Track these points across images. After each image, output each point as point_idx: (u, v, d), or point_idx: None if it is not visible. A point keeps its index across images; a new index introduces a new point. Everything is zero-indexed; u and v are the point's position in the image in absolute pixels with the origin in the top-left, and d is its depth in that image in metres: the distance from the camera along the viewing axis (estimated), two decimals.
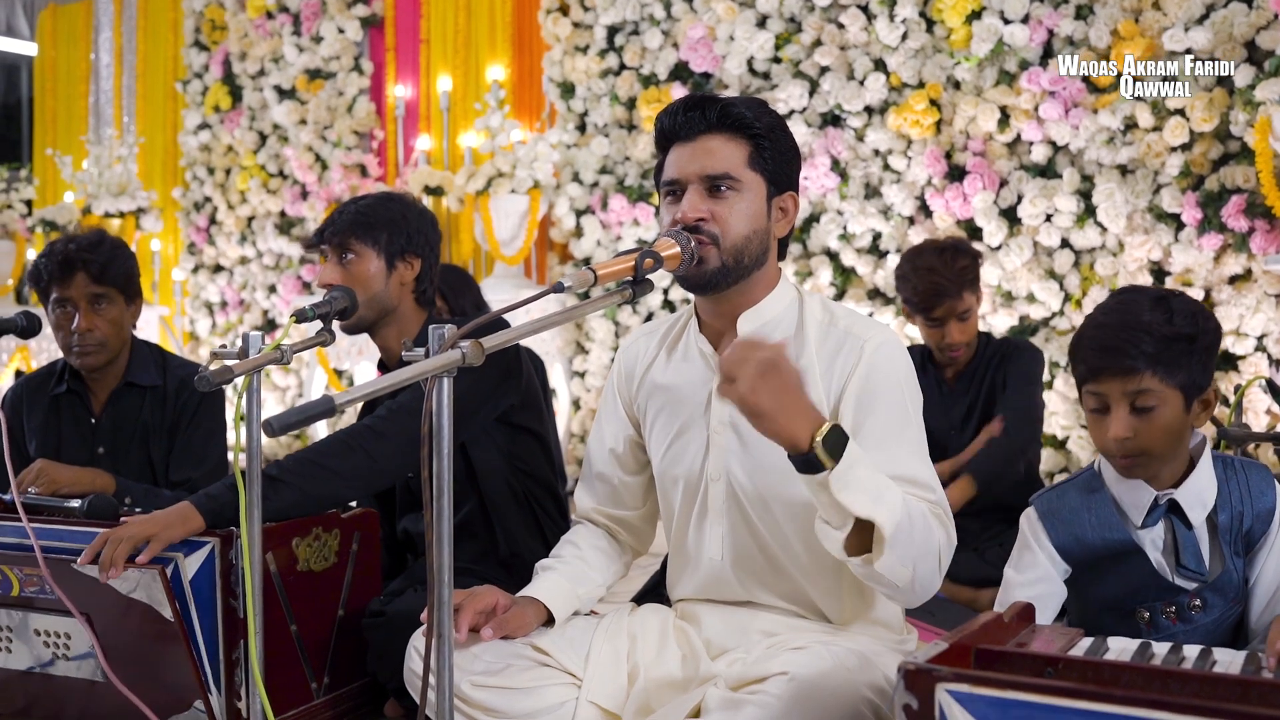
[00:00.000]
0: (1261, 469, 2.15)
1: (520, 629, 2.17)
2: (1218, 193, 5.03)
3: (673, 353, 2.32)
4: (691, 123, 2.16)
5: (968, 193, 5.51)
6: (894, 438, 2.07)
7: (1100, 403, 2.06)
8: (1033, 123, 5.37)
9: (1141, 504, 2.09)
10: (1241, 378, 5.01)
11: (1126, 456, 2.06)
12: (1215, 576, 2.07)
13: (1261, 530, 2.08)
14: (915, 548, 1.89)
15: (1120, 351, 2.01)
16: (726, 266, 2.12)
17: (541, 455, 2.88)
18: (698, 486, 2.23)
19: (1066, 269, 5.37)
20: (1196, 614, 2.07)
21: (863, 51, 5.78)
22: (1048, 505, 2.20)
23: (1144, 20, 5.16)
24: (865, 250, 5.82)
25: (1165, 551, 2.10)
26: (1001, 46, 5.39)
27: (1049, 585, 2.16)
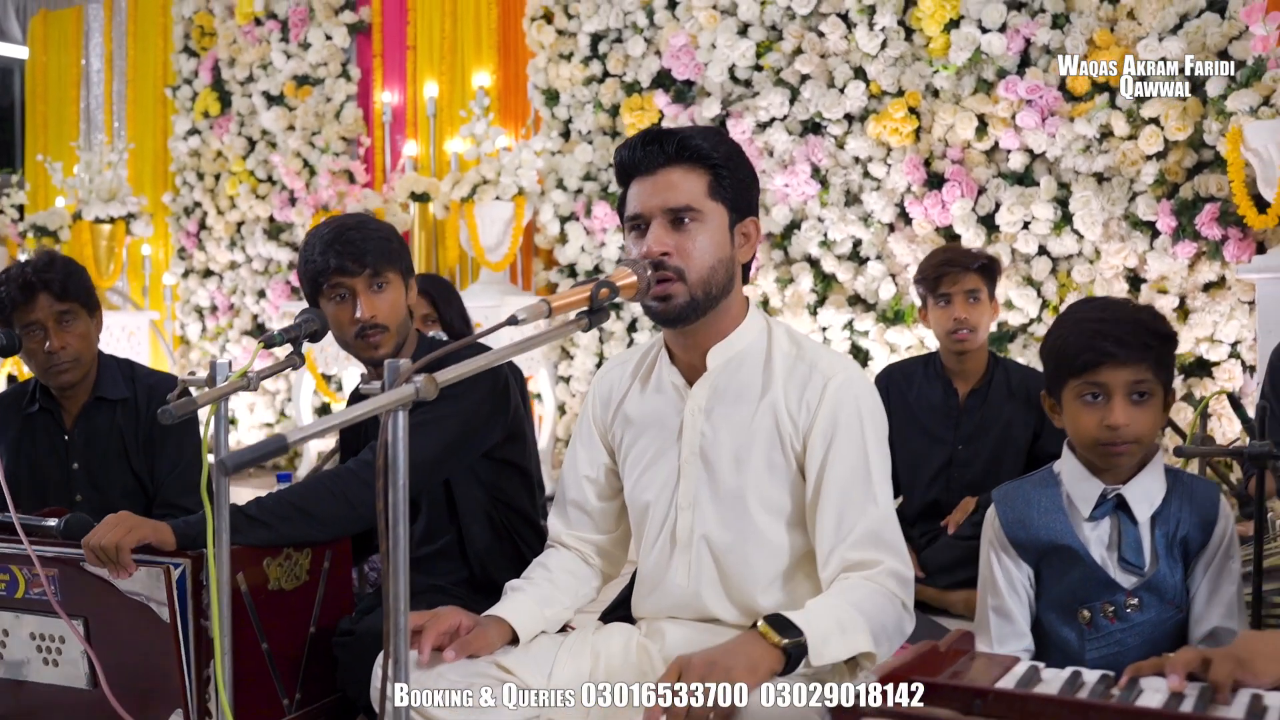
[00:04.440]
0: (1210, 486, 2.25)
1: (483, 649, 2.20)
2: (1192, 201, 5.09)
3: (646, 384, 2.37)
4: (651, 156, 2.20)
5: (946, 200, 5.57)
6: (859, 492, 2.15)
7: (1100, 392, 2.13)
8: (1010, 131, 5.43)
9: (1091, 497, 2.18)
10: (1216, 384, 5.07)
11: (1122, 444, 2.13)
12: (1153, 575, 2.15)
13: (1200, 542, 2.16)
14: (891, 642, 2.06)
15: (1127, 343, 2.11)
16: (695, 299, 2.17)
17: (522, 487, 2.91)
18: (667, 513, 2.29)
19: (1044, 276, 5.43)
20: (1134, 613, 2.15)
21: (843, 60, 5.84)
22: (1003, 492, 2.30)
23: (1119, 30, 5.22)
24: (845, 257, 5.88)
25: (1109, 548, 2.17)
26: (979, 55, 5.45)
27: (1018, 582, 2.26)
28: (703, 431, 2.26)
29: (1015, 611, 2.24)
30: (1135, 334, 2.11)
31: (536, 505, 2.97)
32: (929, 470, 3.77)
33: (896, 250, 5.70)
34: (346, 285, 2.72)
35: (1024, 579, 2.24)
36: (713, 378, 2.27)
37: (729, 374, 2.26)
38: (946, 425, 3.78)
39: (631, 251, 2.21)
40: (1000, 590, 2.25)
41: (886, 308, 5.75)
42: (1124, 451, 2.14)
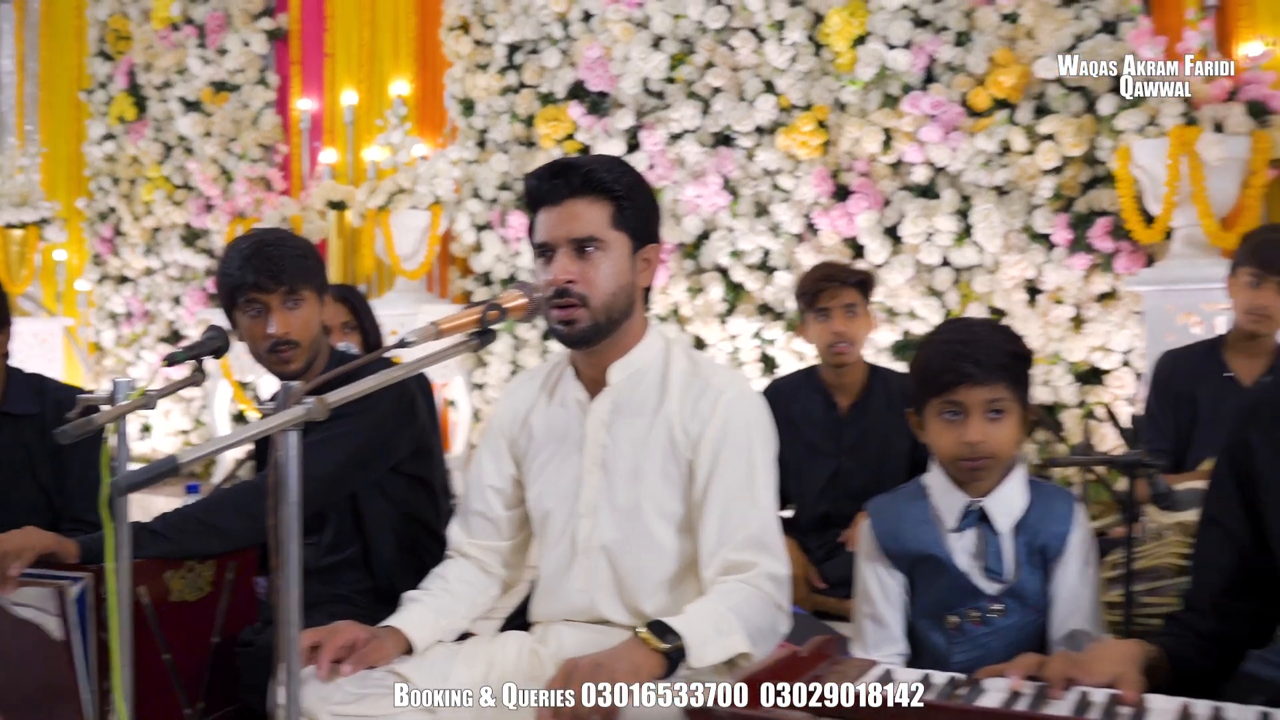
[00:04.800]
0: (1067, 496, 2.37)
1: (380, 660, 2.27)
2: (1086, 215, 5.27)
3: (551, 398, 2.48)
4: (557, 188, 2.31)
5: (852, 212, 5.70)
6: (742, 497, 2.29)
7: (959, 410, 2.25)
8: (914, 145, 5.57)
9: (955, 509, 2.29)
10: (1109, 391, 5.24)
11: (979, 459, 2.25)
12: (1015, 582, 2.27)
13: (1057, 549, 2.28)
14: (767, 642, 2.18)
15: (983, 363, 2.22)
16: (598, 324, 2.30)
17: (427, 501, 2.98)
18: (568, 521, 2.40)
19: (946, 286, 5.58)
20: (998, 618, 2.26)
21: (753, 73, 5.97)
22: (877, 505, 2.41)
23: (1018, 48, 5.38)
24: (755, 267, 6.00)
25: (974, 557, 2.29)
26: (885, 71, 5.59)
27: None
28: (603, 443, 2.37)
29: (889, 618, 2.35)
30: (991, 355, 2.23)
31: (441, 518, 3.03)
32: (817, 483, 3.85)
33: (804, 261, 5.82)
34: (262, 301, 2.76)
35: (897, 587, 2.36)
36: (614, 392, 2.39)
37: (629, 388, 2.39)
38: (830, 438, 3.88)
39: (540, 276, 2.32)
40: (874, 598, 2.36)
41: (794, 317, 5.87)
42: (982, 466, 2.25)
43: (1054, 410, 5.36)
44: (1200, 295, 4.65)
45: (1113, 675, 1.69)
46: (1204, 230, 4.79)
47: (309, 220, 7.06)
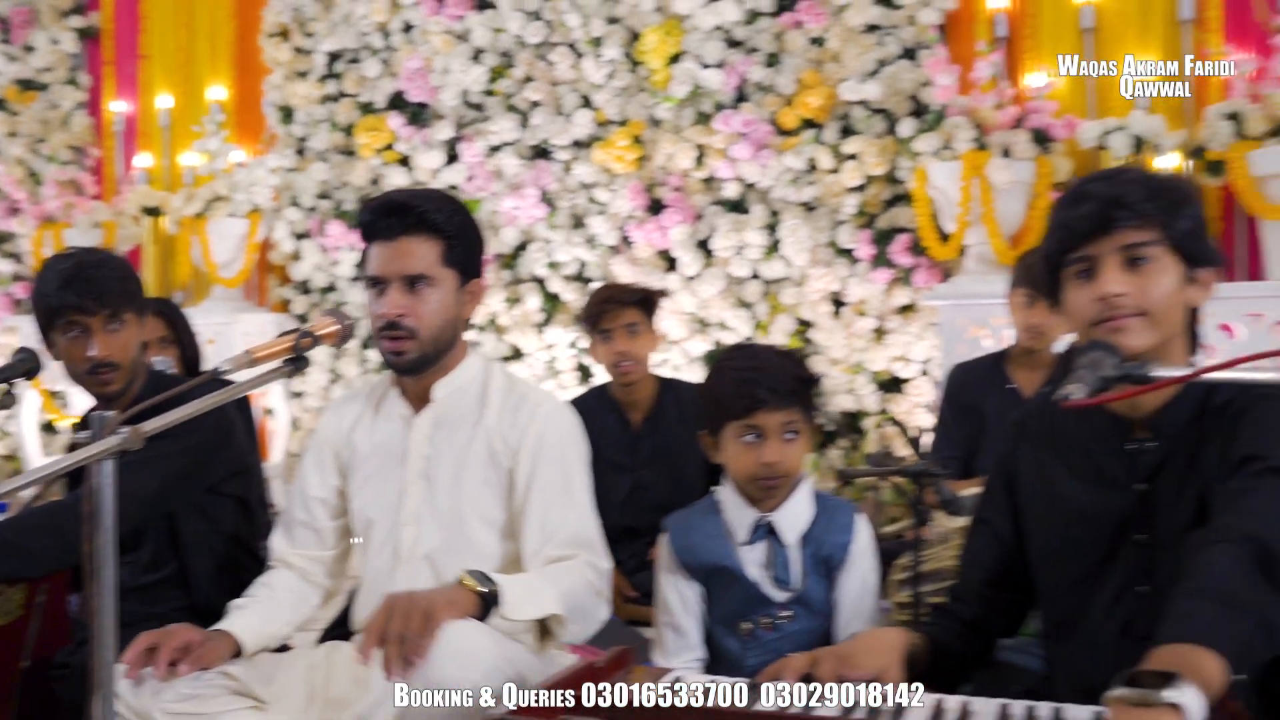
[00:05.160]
0: (849, 509, 2.56)
1: (213, 662, 2.34)
2: (888, 231, 5.53)
3: (377, 414, 2.63)
4: (391, 226, 2.46)
5: (666, 225, 5.86)
6: (561, 499, 2.47)
7: (758, 432, 2.41)
8: (726, 162, 5.75)
9: (746, 524, 2.46)
10: (908, 400, 5.51)
11: (776, 478, 2.42)
12: (802, 590, 2.44)
13: (840, 559, 2.46)
14: (585, 616, 2.36)
15: (779, 389, 2.40)
16: (425, 354, 2.48)
17: (246, 520, 3.02)
18: (392, 531, 2.53)
19: (756, 298, 5.79)
20: (787, 624, 2.44)
21: (571, 88, 6.08)
22: (674, 520, 2.57)
23: (825, 71, 5.61)
24: (571, 278, 6.12)
25: (764, 568, 2.45)
26: (698, 89, 5.76)
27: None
28: (426, 454, 2.53)
29: (687, 626, 2.50)
30: (785, 381, 2.41)
31: (259, 535, 3.08)
32: (617, 496, 3.94)
33: (619, 272, 5.97)
34: (83, 323, 2.77)
35: (694, 597, 2.51)
36: (436, 408, 2.55)
37: (451, 404, 2.55)
38: (626, 453, 4.01)
39: (371, 307, 2.48)
40: (673, 608, 2.51)
41: None
42: (778, 485, 2.43)
43: (858, 417, 5.61)
44: (990, 310, 4.91)
45: (878, 668, 1.86)
46: (993, 248, 5.08)
47: (122, 226, 6.92)
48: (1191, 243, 1.93)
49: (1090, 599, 2.03)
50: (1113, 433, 2.02)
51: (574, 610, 2.31)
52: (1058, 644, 2.10)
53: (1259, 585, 1.65)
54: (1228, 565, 1.67)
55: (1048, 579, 2.12)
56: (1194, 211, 1.96)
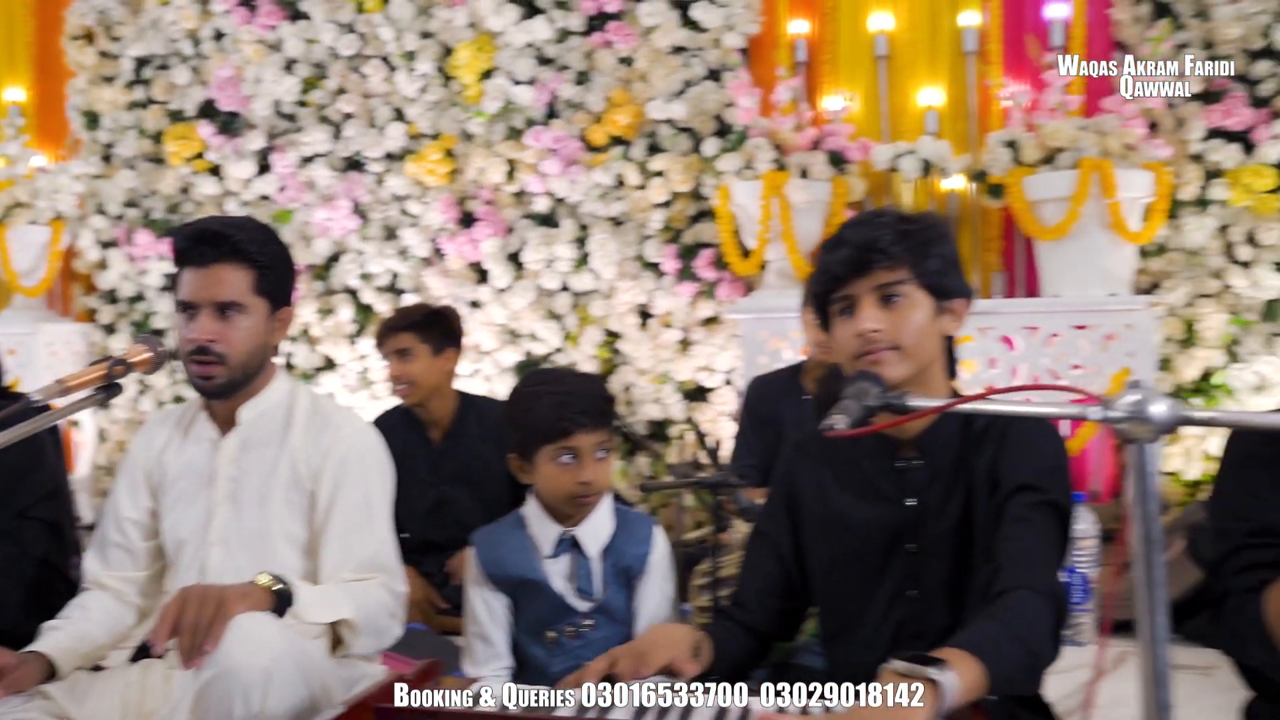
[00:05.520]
0: (648, 521, 2.71)
1: (28, 685, 2.37)
2: (693, 246, 5.73)
3: (186, 437, 2.68)
4: (205, 253, 2.53)
5: (477, 238, 5.97)
6: (361, 522, 2.57)
7: (574, 453, 2.54)
8: (536, 176, 5.89)
9: (551, 538, 2.59)
10: (713, 408, 5.73)
11: (592, 495, 2.56)
12: (604, 599, 2.58)
13: (639, 569, 2.61)
14: (378, 630, 2.47)
15: (592, 411, 2.53)
16: (234, 380, 2.55)
17: (55, 543, 2.99)
18: (199, 550, 2.59)
19: (565, 310, 5.93)
20: (590, 632, 2.57)
21: (384, 101, 6.14)
22: (481, 534, 2.67)
23: (633, 90, 5.79)
24: (384, 289, 6.18)
25: (568, 579, 2.59)
26: (510, 105, 5.88)
27: None
28: (233, 477, 2.60)
29: (494, 636, 2.62)
30: (596, 403, 2.55)
31: (68, 560, 3.08)
32: (420, 511, 4.05)
33: (431, 284, 6.05)
34: None
35: (501, 608, 2.63)
36: (243, 430, 2.62)
37: (257, 427, 2.63)
38: (428, 469, 4.11)
39: (181, 331, 2.54)
40: (481, 619, 2.63)
41: None
42: (591, 501, 2.57)
43: (664, 426, 5.81)
44: (789, 323, 5.11)
45: (668, 661, 2.03)
46: (792, 264, 5.31)
47: None
48: (939, 279, 2.15)
49: (867, 604, 2.24)
50: (883, 452, 2.23)
51: (367, 623, 2.41)
52: (838, 645, 2.30)
53: (1047, 638, 1.94)
54: (1033, 613, 1.92)
55: (827, 587, 2.31)
56: (943, 250, 2.16)
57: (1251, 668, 1.90)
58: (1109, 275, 5.04)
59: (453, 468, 4.12)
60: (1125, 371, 4.93)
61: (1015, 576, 1.98)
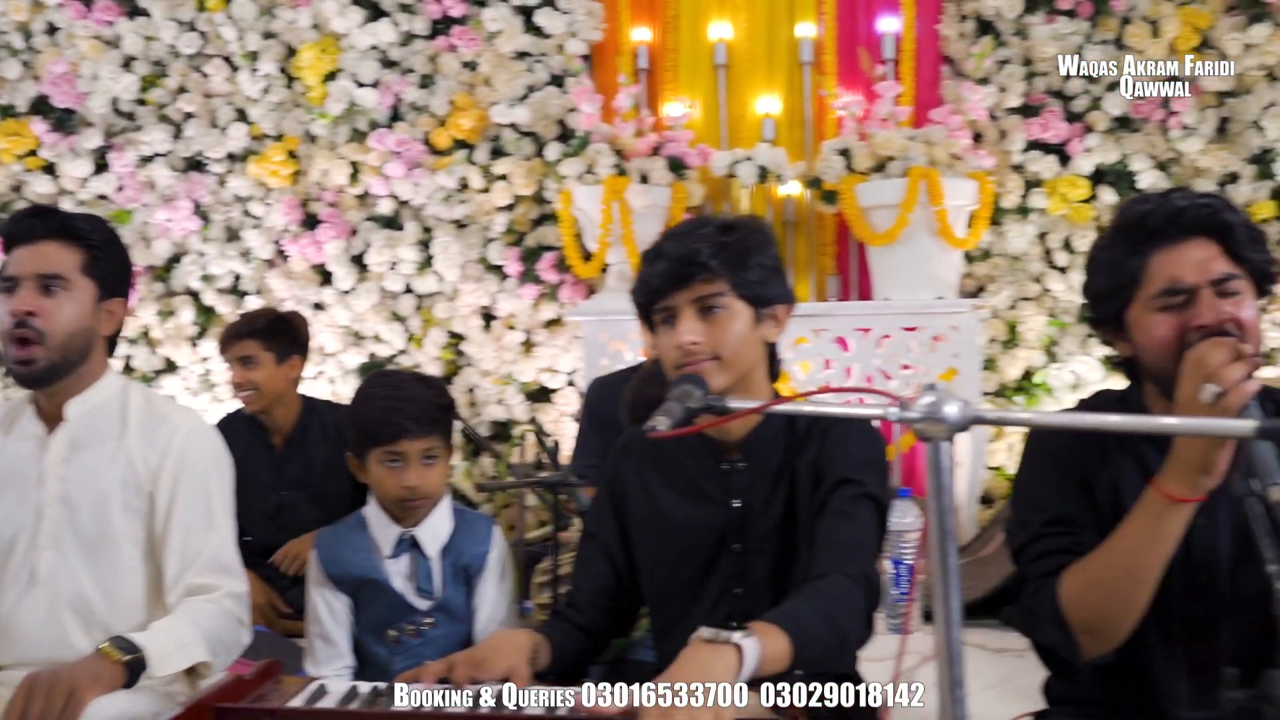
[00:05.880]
0: (487, 521, 2.79)
1: None
2: (535, 249, 5.82)
3: (9, 434, 2.60)
4: (34, 228, 2.49)
5: (321, 240, 5.96)
6: (202, 523, 2.55)
7: (398, 458, 2.60)
8: (380, 179, 5.90)
9: (391, 539, 2.66)
10: (556, 409, 5.82)
11: (418, 499, 2.62)
12: (443, 598, 2.65)
13: (478, 567, 2.69)
14: (230, 653, 2.48)
15: (420, 418, 2.60)
16: (54, 363, 2.47)
17: None
18: (29, 555, 2.52)
19: (409, 312, 5.96)
20: (430, 630, 2.64)
21: (226, 101, 6.08)
22: (323, 536, 2.73)
23: (477, 94, 5.84)
24: (226, 291, 6.12)
25: (408, 578, 2.65)
26: (354, 107, 5.88)
27: None
28: (63, 477, 2.53)
29: (336, 636, 2.67)
30: (425, 410, 2.61)
31: None
32: (261, 516, 4.04)
33: (275, 286, 6.03)
34: None
35: (343, 608, 2.68)
36: (71, 428, 2.55)
37: (87, 424, 2.56)
38: (270, 474, 4.10)
39: (1, 308, 2.46)
40: (323, 619, 2.68)
41: None
42: (419, 506, 2.64)
43: (509, 426, 5.87)
44: (629, 325, 5.18)
45: (506, 668, 2.09)
46: (633, 268, 5.38)
47: None
48: (758, 289, 2.23)
49: (695, 602, 2.34)
50: (709, 454, 2.34)
51: (218, 648, 2.42)
52: (669, 641, 2.37)
53: (857, 617, 2.06)
54: (842, 594, 2.03)
55: (656, 585, 2.41)
56: (762, 259, 2.24)
57: (1047, 647, 2.04)
58: (937, 279, 5.25)
59: (294, 472, 4.12)
60: (952, 371, 5.15)
61: (828, 563, 2.09)
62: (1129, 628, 1.95)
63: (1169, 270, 1.99)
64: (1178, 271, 1.98)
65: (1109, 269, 2.07)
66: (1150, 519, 1.88)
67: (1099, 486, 2.10)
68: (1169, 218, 2.00)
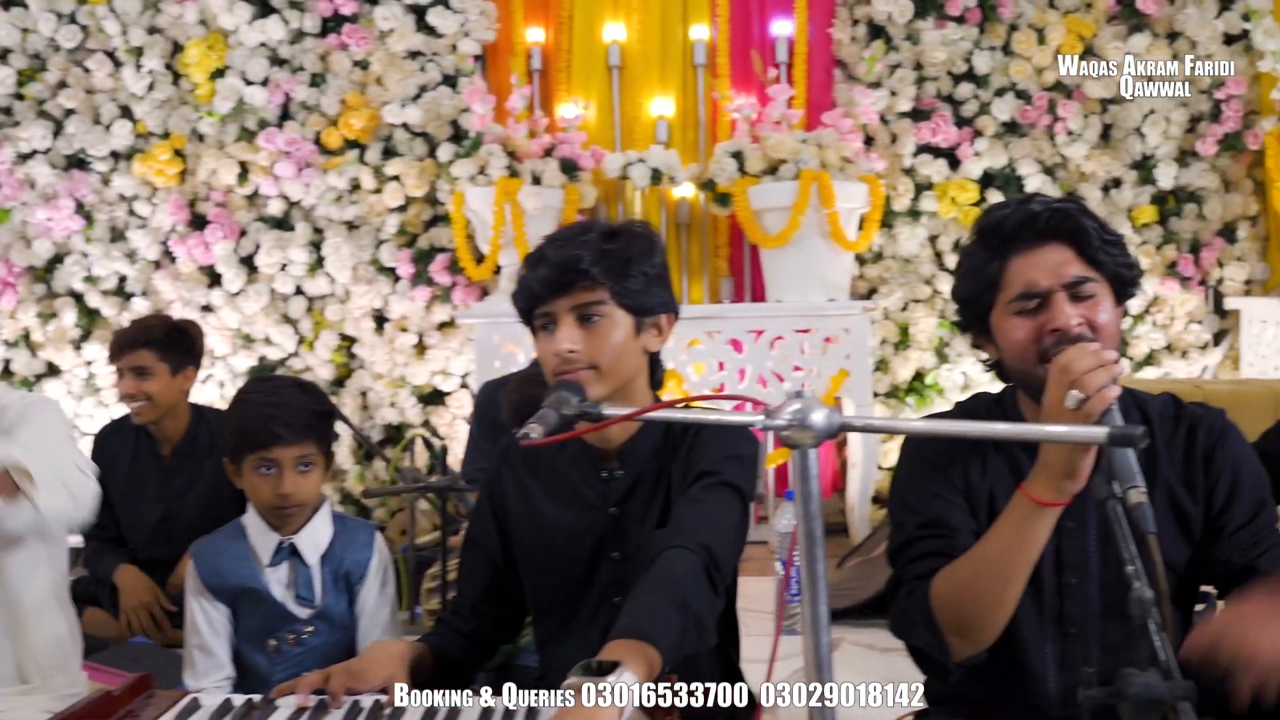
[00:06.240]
0: (368, 528, 2.74)
1: None
2: (428, 251, 5.76)
3: None
4: None
5: (209, 241, 5.85)
6: (44, 449, 2.45)
7: (270, 465, 2.55)
8: (270, 179, 5.81)
9: (269, 547, 2.60)
10: (449, 412, 5.77)
11: (292, 507, 2.57)
12: (323, 606, 2.61)
13: (359, 574, 2.64)
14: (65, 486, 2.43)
15: (294, 425, 2.54)
16: None
17: None
18: None
19: (300, 314, 5.88)
20: (310, 638, 2.59)
21: (110, 97, 5.94)
22: (200, 545, 2.66)
23: (368, 93, 5.77)
24: (111, 292, 5.99)
25: (287, 586, 2.60)
26: (243, 105, 5.78)
27: None
28: None
29: (215, 647, 2.61)
30: (300, 416, 2.56)
31: None
32: (147, 527, 3.94)
33: (161, 287, 5.91)
34: None
35: (222, 618, 2.62)
36: None
37: None
38: (158, 483, 3.99)
39: None
40: (201, 630, 2.61)
41: None
42: (293, 513, 2.59)
43: (401, 429, 5.81)
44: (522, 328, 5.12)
45: (384, 679, 2.05)
46: None
47: None
48: (640, 298, 2.18)
49: (576, 609, 2.31)
50: (588, 462, 2.31)
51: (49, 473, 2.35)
52: (552, 648, 2.35)
53: (703, 589, 1.99)
54: (682, 569, 1.98)
55: (538, 592, 2.38)
56: (646, 267, 2.19)
57: (919, 649, 2.05)
58: (828, 281, 5.30)
59: (182, 483, 4.02)
60: (844, 373, 5.19)
61: (664, 540, 2.06)
62: (997, 629, 1.96)
63: (1024, 274, 2.01)
64: (1032, 275, 2.00)
65: (972, 274, 2.09)
66: (1017, 522, 1.90)
67: (974, 488, 2.11)
68: (1024, 222, 2.03)
